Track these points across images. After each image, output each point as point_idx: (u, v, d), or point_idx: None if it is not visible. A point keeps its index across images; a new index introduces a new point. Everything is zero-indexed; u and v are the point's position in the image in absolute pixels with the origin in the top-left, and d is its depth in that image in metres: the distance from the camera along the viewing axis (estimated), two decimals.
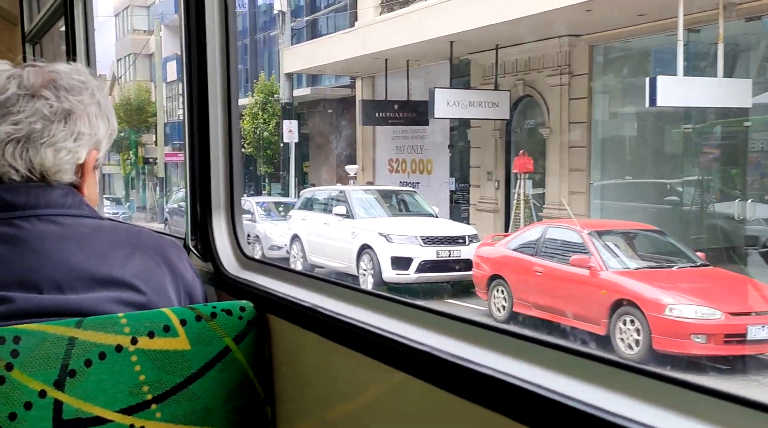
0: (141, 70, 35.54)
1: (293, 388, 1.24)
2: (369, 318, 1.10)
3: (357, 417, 1.11)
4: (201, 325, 1.19)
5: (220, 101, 1.56)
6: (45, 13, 3.18)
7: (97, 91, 1.28)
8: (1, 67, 1.22)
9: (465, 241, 11.23)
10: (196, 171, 1.57)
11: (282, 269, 1.42)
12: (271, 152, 22.74)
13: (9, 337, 1.02)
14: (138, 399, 1.11)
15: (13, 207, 1.15)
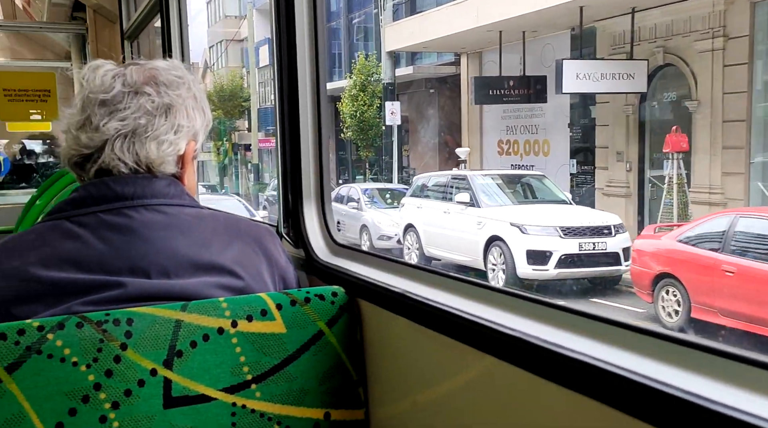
0: (233, 57, 35.62)
1: (384, 371, 1.27)
2: (458, 303, 1.11)
3: (448, 400, 1.12)
4: (296, 309, 1.24)
5: (310, 91, 1.60)
6: (142, 11, 3.33)
7: (193, 85, 1.35)
8: (106, 67, 1.29)
9: (611, 232, 9.85)
10: (287, 161, 1.62)
11: (371, 255, 1.45)
12: (373, 136, 21.74)
13: (123, 319, 1.10)
14: (239, 378, 1.17)
15: (122, 198, 1.22)
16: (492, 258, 10.28)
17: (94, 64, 1.30)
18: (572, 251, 9.64)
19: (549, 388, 0.87)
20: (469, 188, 11.51)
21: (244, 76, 32.53)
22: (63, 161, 1.31)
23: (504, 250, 10.02)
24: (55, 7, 4.80)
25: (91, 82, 1.26)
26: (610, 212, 11.56)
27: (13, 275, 1.13)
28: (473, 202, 11.19)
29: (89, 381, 1.05)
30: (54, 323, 1.05)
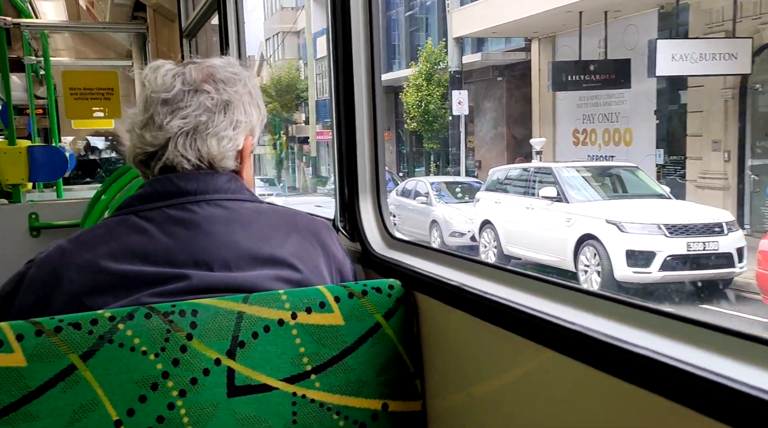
0: (289, 48, 35.30)
1: (441, 363, 1.28)
2: (515, 296, 1.11)
3: (505, 393, 1.13)
4: (353, 302, 1.26)
5: (365, 84, 1.61)
6: (200, 10, 3.40)
7: (248, 81, 1.38)
8: (166, 67, 1.33)
9: (722, 230, 8.72)
10: (343, 155, 1.64)
11: (427, 249, 1.46)
12: (438, 127, 20.67)
13: (188, 310, 1.14)
14: (299, 369, 1.20)
15: (186, 193, 1.27)
16: (584, 259, 9.28)
17: (154, 65, 1.34)
18: (680, 251, 8.56)
19: (609, 382, 0.87)
20: (555, 181, 10.48)
21: (301, 68, 32.23)
22: (128, 159, 1.36)
23: (599, 250, 8.99)
24: (117, 8, 4.95)
25: (153, 82, 1.30)
26: (706, 205, 10.31)
27: (85, 268, 1.18)
28: (561, 197, 10.19)
29: (158, 370, 1.10)
30: (124, 313, 1.10)
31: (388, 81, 23.28)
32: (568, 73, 14.58)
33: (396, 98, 22.12)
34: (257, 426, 1.15)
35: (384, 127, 1.72)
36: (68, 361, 1.05)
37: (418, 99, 20.43)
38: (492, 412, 1.16)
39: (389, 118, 24.47)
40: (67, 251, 1.21)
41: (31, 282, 1.22)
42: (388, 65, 25.25)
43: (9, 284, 1.25)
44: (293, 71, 31.77)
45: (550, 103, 17.07)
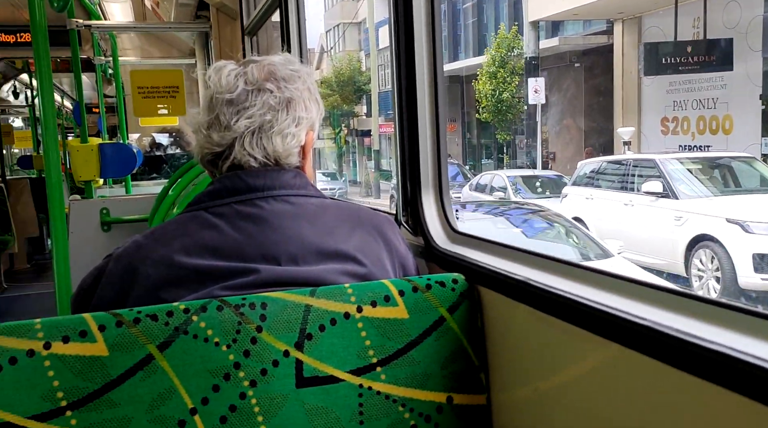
0: (350, 40, 34.61)
1: (506, 357, 1.28)
2: (581, 291, 1.10)
3: (571, 388, 1.12)
4: (417, 296, 1.27)
5: (427, 77, 1.61)
6: (261, 8, 3.46)
7: (307, 77, 1.40)
8: (229, 67, 1.36)
9: None
10: (405, 149, 1.65)
11: (490, 243, 1.46)
12: (512, 117, 19.48)
13: (258, 303, 1.17)
14: (365, 361, 1.22)
15: (254, 189, 1.30)
16: (698, 263, 8.24)
17: (217, 66, 1.37)
18: None
19: (682, 379, 0.86)
20: (659, 175, 9.25)
21: (362, 59, 31.66)
22: (196, 158, 1.40)
23: (718, 253, 7.88)
24: (181, 8, 5.08)
25: (216, 83, 1.34)
26: None
27: (160, 263, 1.23)
28: (667, 192, 9.03)
29: (230, 361, 1.14)
30: (197, 306, 1.14)
31: (454, 70, 22.49)
32: (663, 56, 13.33)
33: (463, 88, 21.49)
34: (325, 416, 1.18)
35: (446, 119, 1.71)
36: (146, 351, 1.10)
37: (491, 88, 19.33)
38: (558, 407, 1.16)
39: (455, 109, 23.83)
40: (143, 246, 1.26)
41: (110, 276, 1.27)
42: (454, 54, 24.47)
43: (89, 278, 1.31)
44: (354, 63, 30.91)
45: (635, 89, 15.70)
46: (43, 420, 1.04)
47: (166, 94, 4.97)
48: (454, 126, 23.90)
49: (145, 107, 5.02)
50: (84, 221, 4.11)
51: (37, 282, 7.95)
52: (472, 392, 1.29)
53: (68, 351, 1.06)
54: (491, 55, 19.65)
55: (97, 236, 4.18)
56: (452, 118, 23.71)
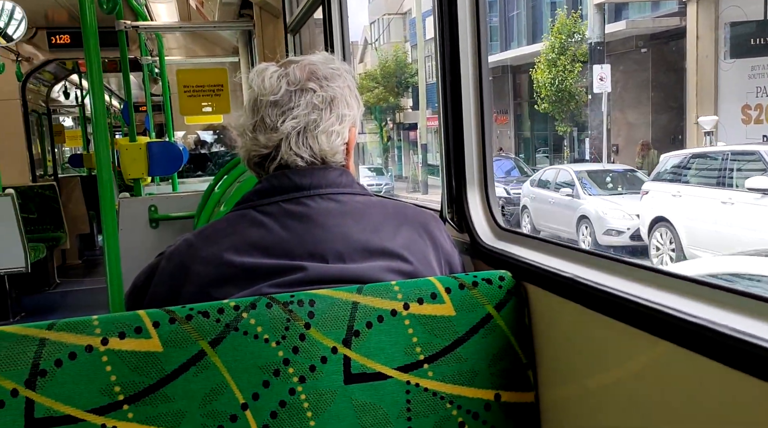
0: (395, 31, 33.72)
1: (554, 354, 1.27)
2: (630, 288, 1.09)
3: (621, 385, 1.11)
4: (464, 293, 1.27)
5: (472, 73, 1.60)
6: (304, 6, 3.49)
7: (347, 74, 1.41)
8: (270, 69, 1.37)
9: None
10: (450, 145, 1.64)
11: (537, 240, 1.45)
12: (574, 107, 18.04)
13: (306, 300, 1.19)
14: (412, 358, 1.22)
15: (301, 188, 1.32)
16: None
17: (259, 68, 1.39)
18: None
19: (736, 378, 0.84)
20: (767, 169, 8.12)
21: (408, 50, 30.69)
22: (243, 161, 1.42)
23: None
24: (225, 7, 5.15)
25: (259, 85, 1.35)
26: None
27: (211, 261, 1.25)
28: None
29: (279, 357, 1.15)
30: (247, 303, 1.16)
31: (505, 60, 21.69)
32: (753, 37, 12.15)
33: (514, 79, 20.67)
34: (373, 412, 1.19)
35: (491, 113, 1.70)
36: (199, 347, 1.12)
37: (551, 76, 18.04)
38: (607, 404, 1.15)
39: (507, 100, 23.04)
40: (194, 245, 1.29)
41: (162, 274, 1.31)
42: (506, 44, 23.53)
43: (142, 276, 1.35)
44: (400, 55, 29.92)
45: (711, 75, 14.06)
46: (102, 414, 1.08)
47: (211, 92, 5.05)
48: (505, 118, 23.06)
49: (190, 105, 5.11)
50: (133, 218, 4.21)
51: (88, 278, 8.18)
52: (520, 389, 1.28)
53: (124, 347, 1.10)
54: (550, 42, 18.33)
55: (145, 233, 4.28)
56: (504, 110, 22.89)
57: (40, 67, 7.93)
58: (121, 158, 4.25)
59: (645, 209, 9.69)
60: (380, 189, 22.61)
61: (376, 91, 28.97)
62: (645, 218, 9.66)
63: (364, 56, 34.61)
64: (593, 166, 14.30)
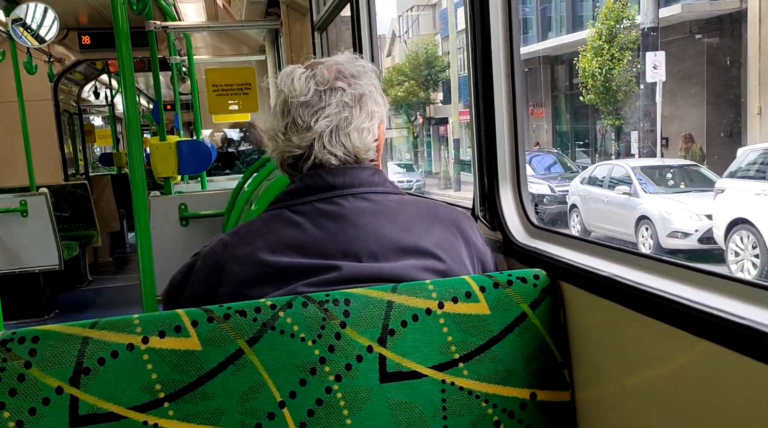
0: (424, 23, 32.80)
1: (590, 353, 1.26)
2: (669, 287, 1.08)
3: (659, 386, 1.10)
4: (498, 292, 1.27)
5: (504, 69, 1.58)
6: (332, 4, 3.50)
7: (372, 72, 1.42)
8: (298, 71, 1.38)
9: None
10: (482, 141, 1.64)
11: (571, 238, 1.44)
12: (622, 97, 16.66)
13: (341, 299, 1.19)
14: (447, 357, 1.23)
15: (334, 187, 1.32)
16: None
17: (286, 71, 1.40)
18: None
19: None
20: None
21: (438, 43, 29.79)
22: (276, 164, 1.43)
23: None
24: (252, 5, 5.18)
25: (289, 87, 1.36)
26: None
27: (247, 260, 1.27)
28: None
29: (315, 356, 1.16)
30: (283, 302, 1.17)
31: (542, 51, 20.71)
32: None
33: (552, 70, 19.79)
34: (409, 411, 1.19)
35: (524, 109, 1.68)
36: (237, 346, 1.14)
37: (598, 64, 16.70)
38: (645, 405, 1.13)
39: (545, 92, 21.81)
40: (229, 245, 1.30)
41: (198, 273, 1.32)
42: (542, 33, 22.25)
43: (179, 275, 1.37)
44: (430, 47, 28.91)
45: None
46: (143, 411, 1.09)
47: (239, 91, 5.09)
48: (542, 112, 21.85)
49: (219, 104, 5.16)
50: (163, 216, 4.27)
51: (119, 275, 8.31)
52: (556, 388, 1.28)
53: (164, 345, 1.11)
54: (597, 29, 16.93)
55: (175, 231, 4.33)
56: (540, 103, 21.82)
57: (71, 68, 8.06)
58: (152, 157, 4.30)
59: (720, 210, 8.62)
60: (411, 186, 21.97)
61: (406, 85, 28.36)
62: (720, 219, 8.55)
63: (391, 50, 33.85)
64: (649, 161, 13.10)
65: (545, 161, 16.82)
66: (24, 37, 5.34)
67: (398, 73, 28.69)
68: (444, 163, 27.38)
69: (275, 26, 5.01)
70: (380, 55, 3.30)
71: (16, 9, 5.36)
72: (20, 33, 5.32)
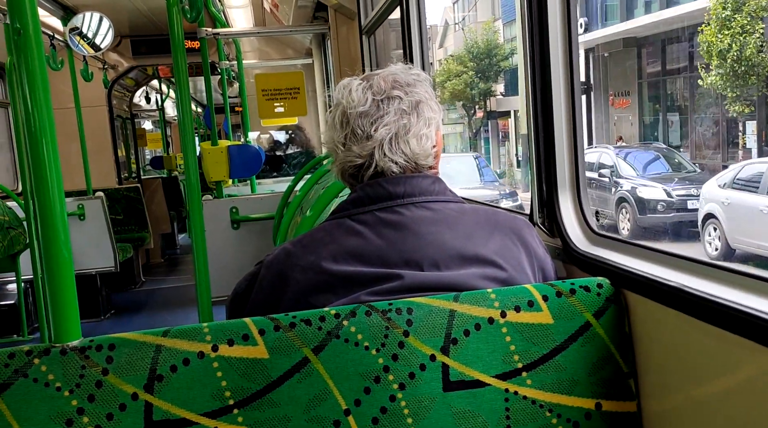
0: (483, 10, 30.52)
1: (656, 364, 1.24)
2: (744, 299, 1.05)
3: (729, 397, 1.07)
4: (561, 301, 1.26)
5: (563, 72, 1.56)
6: (380, 7, 3.51)
7: (425, 80, 1.44)
8: (354, 83, 1.40)
9: None
10: (540, 148, 1.62)
11: (635, 246, 1.41)
12: (756, 80, 13.43)
13: (404, 308, 1.20)
14: (510, 366, 1.22)
15: (395, 196, 1.34)
16: None
17: (343, 84, 1.42)
18: None
19: None
20: None
21: (499, 29, 27.03)
22: (337, 175, 1.44)
23: None
24: (300, 10, 5.23)
25: (347, 98, 1.38)
26: None
27: (310, 269, 1.28)
28: None
29: (379, 364, 1.17)
30: (347, 311, 1.18)
31: (628, 31, 17.78)
32: None
33: (639, 54, 17.12)
34: (472, 420, 1.19)
35: (582, 111, 1.65)
36: (302, 354, 1.15)
37: (725, 38, 13.47)
38: (713, 417, 1.11)
39: (630, 79, 18.76)
40: (292, 254, 1.33)
41: (262, 282, 1.35)
42: (628, 10, 19.20)
43: (243, 283, 1.40)
44: (490, 35, 26.02)
45: None
46: (214, 417, 1.12)
47: (288, 95, 5.15)
48: (626, 101, 18.90)
49: (268, 108, 5.23)
50: (215, 219, 4.34)
51: (170, 276, 8.49)
52: (622, 398, 1.26)
53: (233, 354, 1.14)
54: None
55: (227, 234, 4.41)
56: (625, 91, 18.89)
57: (125, 74, 8.27)
58: (204, 161, 4.38)
59: None
60: None
61: (464, 76, 25.96)
62: None
63: (444, 41, 31.91)
64: None
65: (641, 157, 13.80)
66: (80, 45, 5.50)
67: (457, 62, 26.47)
68: (504, 162, 25.38)
69: (323, 30, 5.05)
70: (433, 47, 3.24)
71: (73, 18, 5.52)
72: (77, 42, 5.48)
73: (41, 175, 1.10)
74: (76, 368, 1.10)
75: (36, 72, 1.09)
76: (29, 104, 1.09)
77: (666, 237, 10.28)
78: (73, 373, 1.10)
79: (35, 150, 1.09)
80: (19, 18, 1.09)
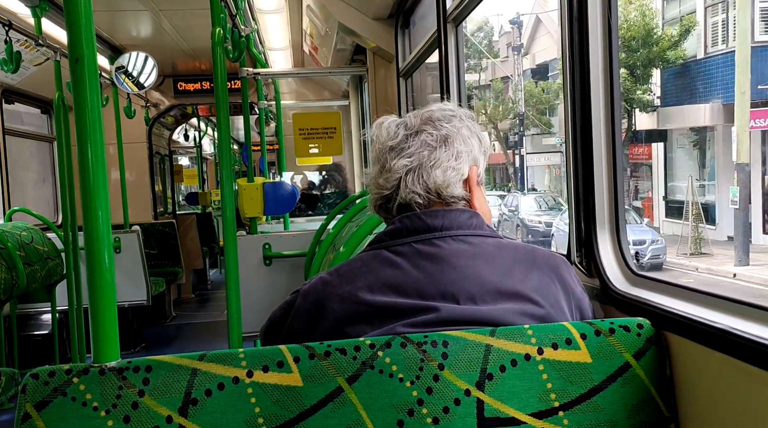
0: None
1: (699, 408, 1.21)
2: None
3: None
4: (600, 340, 1.23)
5: (603, 106, 1.56)
6: (418, 51, 3.57)
7: (465, 116, 1.45)
8: (389, 119, 1.46)
9: None
10: (579, 184, 1.61)
11: (676, 286, 1.39)
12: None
13: (439, 341, 1.19)
14: (546, 405, 1.19)
15: (433, 229, 1.34)
16: None
17: (378, 122, 1.47)
18: None
19: None
20: None
21: (661, 7, 17.99)
22: (371, 208, 1.49)
23: None
24: (338, 53, 5.35)
25: (380, 135, 1.44)
26: None
27: (346, 299, 1.29)
28: None
29: (413, 397, 1.16)
30: (383, 341, 1.18)
31: None
32: None
33: None
34: None
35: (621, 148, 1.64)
36: (336, 383, 1.14)
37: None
38: None
39: None
40: (329, 283, 1.33)
41: (298, 310, 1.35)
42: None
43: (279, 311, 1.40)
44: (646, 17, 17.10)
45: None
46: None
47: (324, 134, 5.23)
48: None
49: (305, 147, 5.31)
50: (248, 255, 4.37)
51: (201, 311, 8.54)
52: None
53: (268, 380, 1.13)
54: None
55: (259, 270, 4.43)
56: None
57: (166, 112, 8.50)
58: (240, 198, 4.44)
59: None
60: None
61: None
62: None
63: (530, 47, 25.66)
64: None
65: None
66: (125, 83, 5.68)
67: None
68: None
69: (361, 72, 5.14)
70: (514, 59, 3.10)
71: (120, 57, 5.72)
72: (122, 80, 5.67)
73: (90, 206, 1.13)
74: (113, 388, 1.11)
75: (92, 101, 1.13)
76: (83, 134, 1.12)
77: None
78: (111, 393, 1.11)
79: (86, 179, 1.13)
80: (78, 47, 1.13)
